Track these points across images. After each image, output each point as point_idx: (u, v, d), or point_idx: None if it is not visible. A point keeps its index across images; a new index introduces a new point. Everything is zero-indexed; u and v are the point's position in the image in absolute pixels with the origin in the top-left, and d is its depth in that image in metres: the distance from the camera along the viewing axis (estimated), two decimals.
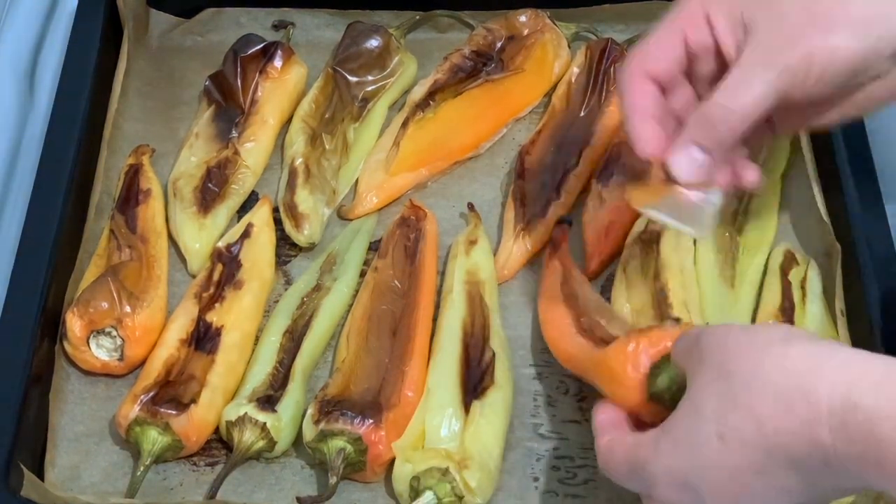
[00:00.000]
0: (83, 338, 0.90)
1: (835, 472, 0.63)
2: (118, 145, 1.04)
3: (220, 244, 0.97)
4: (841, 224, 0.95)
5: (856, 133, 0.99)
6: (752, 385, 0.66)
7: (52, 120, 1.01)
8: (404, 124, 1.04)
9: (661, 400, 0.76)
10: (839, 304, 0.92)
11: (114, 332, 0.91)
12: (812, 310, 0.93)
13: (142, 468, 0.85)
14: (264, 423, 0.86)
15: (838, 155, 0.98)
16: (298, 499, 0.83)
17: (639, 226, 0.97)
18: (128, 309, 0.91)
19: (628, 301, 0.94)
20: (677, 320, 0.80)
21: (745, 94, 0.76)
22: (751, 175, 0.82)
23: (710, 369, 0.69)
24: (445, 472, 0.82)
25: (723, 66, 0.79)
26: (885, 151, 1.00)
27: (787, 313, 0.92)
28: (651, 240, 0.96)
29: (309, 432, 0.85)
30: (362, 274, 0.97)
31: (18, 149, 1.06)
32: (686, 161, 0.78)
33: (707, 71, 0.81)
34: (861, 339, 0.90)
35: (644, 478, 0.71)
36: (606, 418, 0.78)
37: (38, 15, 1.15)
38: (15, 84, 1.09)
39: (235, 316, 0.93)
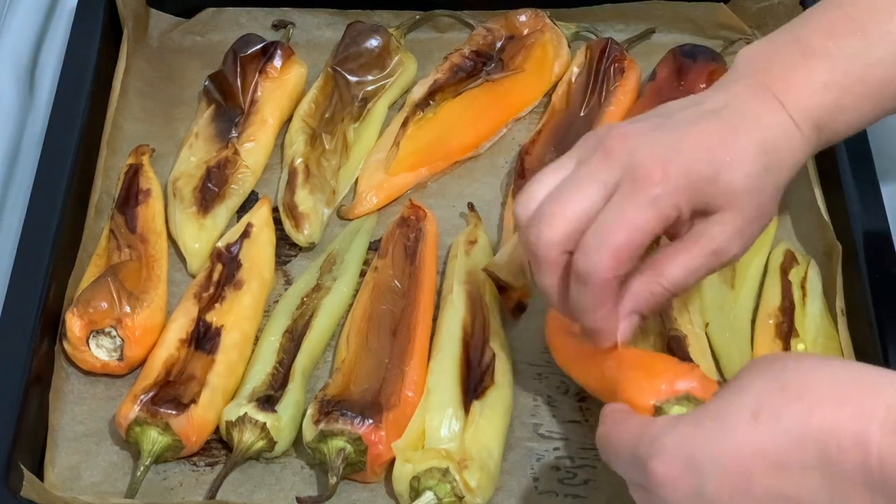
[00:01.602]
0: (83, 338, 0.90)
1: (865, 483, 0.61)
2: (118, 145, 1.04)
3: (220, 244, 0.97)
4: (841, 224, 0.95)
5: (856, 134, 0.99)
6: (809, 375, 0.64)
7: (52, 119, 1.01)
8: (404, 124, 1.04)
9: None
10: (839, 304, 0.92)
11: (114, 332, 0.91)
12: (812, 309, 0.93)
13: (142, 468, 0.85)
14: (264, 423, 0.86)
15: (839, 155, 0.98)
16: (298, 499, 0.83)
17: None
18: (128, 309, 0.91)
19: None
20: (682, 337, 0.79)
21: (685, 281, 0.79)
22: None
23: (759, 364, 0.68)
24: (445, 472, 0.82)
25: None
26: (886, 152, 1.00)
27: (787, 313, 0.92)
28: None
29: (309, 432, 0.85)
30: (362, 274, 0.97)
31: (18, 148, 1.06)
32: (629, 326, 0.81)
33: None
34: (861, 338, 0.90)
35: (645, 452, 0.68)
36: (618, 406, 0.76)
37: (38, 14, 1.15)
38: (15, 83, 1.10)
39: (235, 316, 0.93)
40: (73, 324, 0.90)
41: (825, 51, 0.81)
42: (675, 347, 0.89)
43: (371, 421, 0.85)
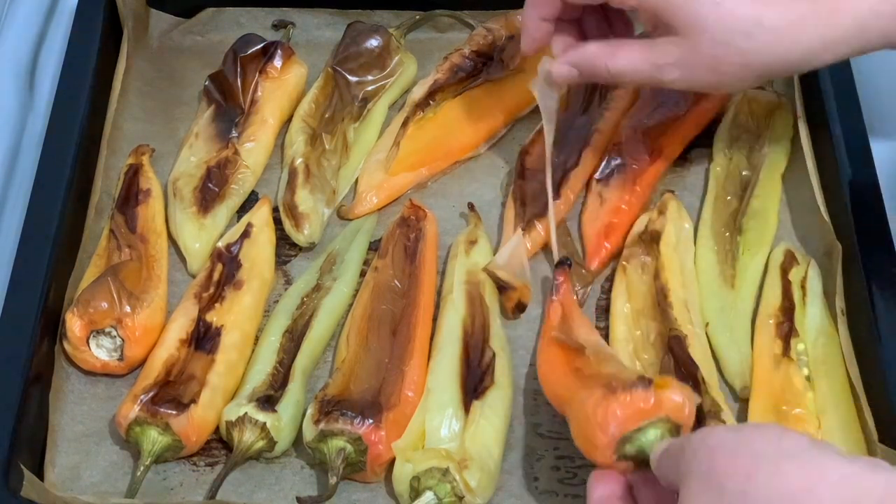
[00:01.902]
0: (83, 338, 0.90)
1: None
2: (118, 145, 1.04)
3: (220, 244, 0.97)
4: (841, 224, 0.95)
5: (856, 133, 0.99)
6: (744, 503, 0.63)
7: (52, 119, 1.01)
8: (404, 124, 1.04)
9: (630, 460, 0.76)
10: (839, 304, 0.92)
11: (114, 332, 0.91)
12: (812, 309, 0.93)
13: (142, 468, 0.85)
14: (264, 423, 0.86)
15: (839, 154, 0.98)
16: (298, 499, 0.83)
17: (639, 226, 0.97)
18: (128, 309, 0.91)
19: (628, 301, 0.94)
20: (649, 381, 0.76)
21: (626, 76, 0.88)
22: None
23: (698, 481, 0.65)
24: (445, 472, 0.82)
25: None
26: (886, 151, 1.00)
27: (787, 313, 0.92)
28: (651, 240, 0.96)
29: (309, 432, 0.85)
30: (362, 274, 0.97)
31: (18, 148, 1.06)
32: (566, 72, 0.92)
33: None
34: (861, 338, 0.90)
35: None
36: (602, 497, 0.75)
37: (38, 14, 1.15)
38: (15, 83, 1.10)
39: (235, 316, 0.93)
40: (74, 324, 0.90)
41: None
42: (675, 347, 0.89)
43: (371, 421, 0.84)
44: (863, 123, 0.99)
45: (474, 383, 0.88)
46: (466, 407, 0.86)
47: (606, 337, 0.93)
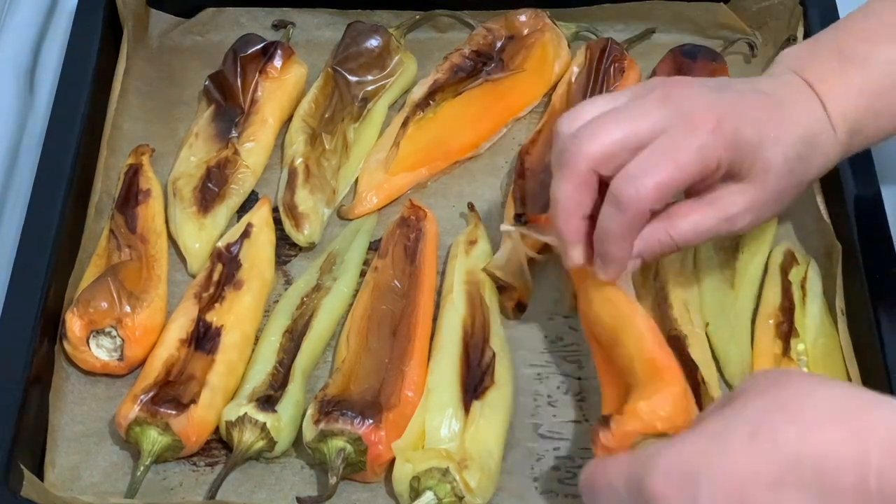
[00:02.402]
0: (83, 338, 0.90)
1: (865, 500, 0.61)
2: (118, 145, 1.04)
3: (220, 244, 0.97)
4: (841, 224, 0.95)
5: None
6: (808, 395, 0.65)
7: (52, 120, 1.01)
8: (404, 124, 1.04)
9: None
10: (839, 304, 0.92)
11: (114, 332, 0.91)
12: (812, 309, 0.93)
13: (142, 468, 0.85)
14: (264, 423, 0.86)
15: None
16: (298, 499, 0.83)
17: None
18: (128, 309, 0.91)
19: None
20: (606, 420, 0.80)
21: (694, 238, 0.83)
22: None
23: (759, 381, 0.68)
24: (445, 472, 0.82)
25: None
26: (886, 152, 1.00)
27: (787, 313, 0.92)
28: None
29: (309, 432, 0.85)
30: (362, 274, 0.97)
31: (18, 149, 1.06)
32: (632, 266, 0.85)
33: None
34: (861, 338, 0.90)
35: (641, 472, 0.68)
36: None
37: (38, 14, 1.15)
38: (15, 83, 1.10)
39: (235, 316, 0.93)
40: (74, 324, 0.90)
41: (861, 56, 0.85)
42: (674, 348, 0.89)
43: (371, 421, 0.84)
44: None
45: (474, 383, 0.88)
46: (466, 407, 0.86)
47: None
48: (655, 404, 0.79)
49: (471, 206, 1.01)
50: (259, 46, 1.07)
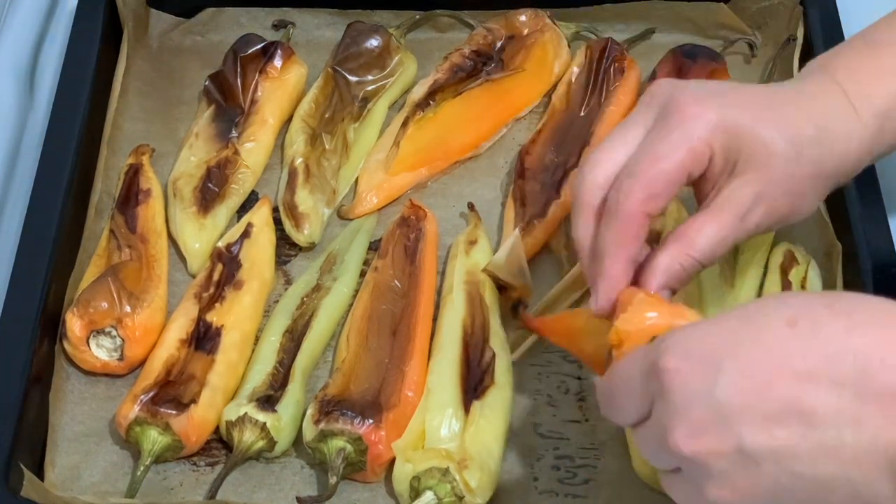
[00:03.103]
0: (83, 338, 0.90)
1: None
2: (118, 145, 1.04)
3: (220, 244, 0.97)
4: (841, 223, 0.95)
5: None
6: (858, 301, 0.61)
7: (52, 120, 1.01)
8: (404, 124, 1.04)
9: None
10: None
11: (114, 332, 0.91)
12: None
13: (142, 468, 0.85)
14: (264, 423, 0.86)
15: None
16: (298, 499, 0.83)
17: None
18: (128, 309, 0.91)
19: None
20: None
21: (715, 250, 0.77)
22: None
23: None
24: (446, 472, 0.82)
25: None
26: None
27: None
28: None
29: (309, 432, 0.85)
30: (362, 274, 0.97)
31: (18, 149, 1.06)
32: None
33: None
34: None
35: (657, 352, 0.64)
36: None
37: (38, 14, 1.15)
38: (15, 84, 1.10)
39: (235, 316, 0.93)
40: (74, 324, 0.90)
41: (888, 40, 0.80)
42: None
43: (371, 421, 0.85)
44: None
45: (474, 383, 0.88)
46: (466, 407, 0.86)
47: None
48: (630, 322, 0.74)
49: (471, 206, 1.01)
50: (259, 46, 1.07)
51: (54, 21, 1.15)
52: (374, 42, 1.09)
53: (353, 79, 1.07)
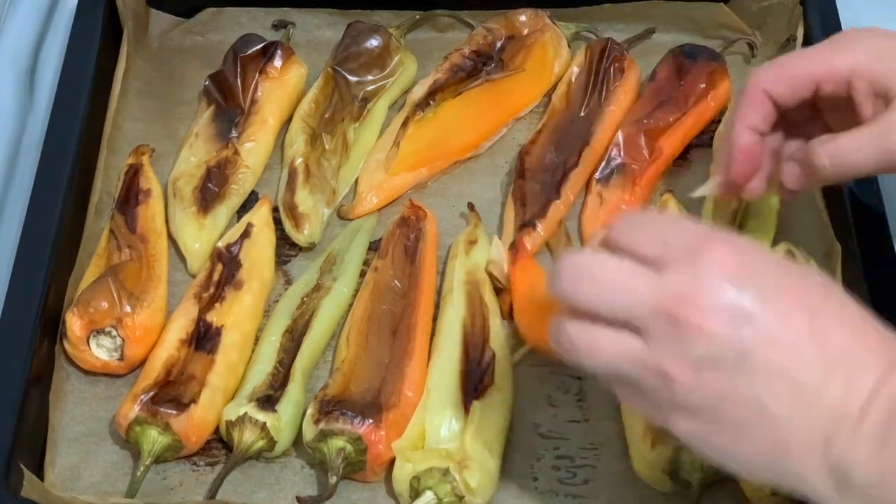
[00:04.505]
0: (83, 337, 0.90)
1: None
2: (118, 145, 1.04)
3: (220, 244, 0.97)
4: (841, 224, 0.95)
5: None
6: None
7: (52, 120, 1.01)
8: (404, 124, 1.04)
9: None
10: None
11: (114, 332, 0.91)
12: None
13: (142, 468, 0.85)
14: (264, 423, 0.86)
15: None
16: (298, 498, 0.83)
17: None
18: (128, 309, 0.91)
19: None
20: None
21: (846, 156, 0.81)
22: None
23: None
24: (446, 472, 0.82)
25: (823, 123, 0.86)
26: None
27: None
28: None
29: (309, 432, 0.85)
30: (362, 274, 0.97)
31: (18, 149, 1.06)
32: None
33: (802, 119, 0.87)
34: None
35: (701, 241, 0.65)
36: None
37: (38, 14, 1.15)
38: (15, 83, 1.10)
39: (235, 316, 0.93)
40: (74, 323, 0.90)
41: None
42: None
43: (371, 421, 0.85)
44: None
45: (474, 383, 0.88)
46: (466, 407, 0.86)
47: None
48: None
49: (471, 206, 1.01)
50: (259, 46, 1.07)
51: (54, 20, 1.15)
52: (374, 42, 1.09)
53: (353, 79, 1.07)
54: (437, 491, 0.82)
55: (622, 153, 1.02)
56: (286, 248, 1.00)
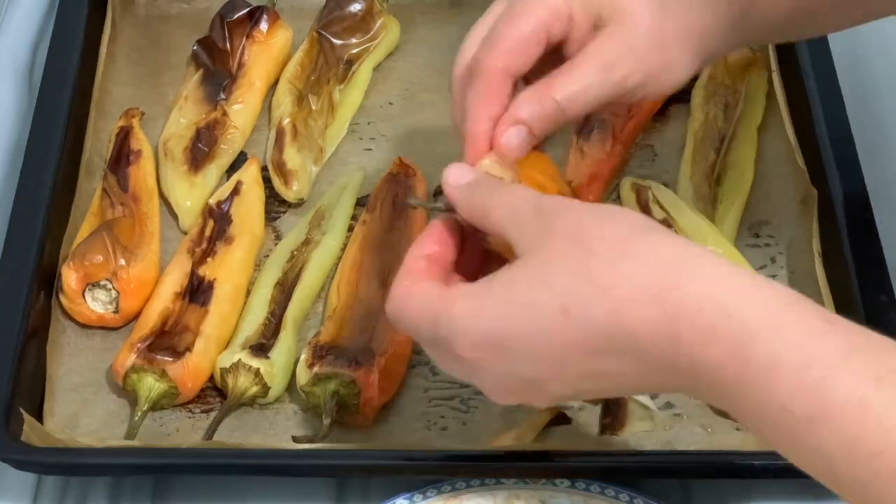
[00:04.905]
0: (79, 291, 0.92)
1: (679, 371, 0.62)
2: (108, 109, 1.05)
3: (211, 201, 0.98)
4: (816, 171, 0.97)
5: (829, 85, 1.01)
6: (616, 267, 0.63)
7: (43, 85, 1.03)
8: None
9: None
10: (816, 246, 0.94)
11: (109, 285, 0.92)
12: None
13: (139, 414, 0.87)
14: (258, 369, 0.88)
15: (812, 106, 1.00)
16: (294, 438, 0.85)
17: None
18: (122, 262, 0.92)
19: None
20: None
21: (577, 96, 0.76)
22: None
23: (563, 241, 0.65)
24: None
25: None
26: (858, 93, 1.03)
27: None
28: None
29: (303, 376, 0.87)
30: (350, 228, 0.99)
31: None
32: (515, 136, 0.76)
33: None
34: (838, 280, 0.92)
35: (448, 333, 0.68)
36: (417, 259, 0.74)
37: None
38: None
39: (227, 269, 0.94)
40: (69, 277, 0.91)
41: None
42: None
43: (364, 364, 0.86)
44: (835, 76, 1.02)
45: None
46: None
47: None
48: None
49: None
50: (245, 11, 1.09)
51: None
52: (357, 6, 1.10)
53: (337, 42, 1.09)
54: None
55: (602, 109, 1.03)
56: (275, 206, 1.01)
